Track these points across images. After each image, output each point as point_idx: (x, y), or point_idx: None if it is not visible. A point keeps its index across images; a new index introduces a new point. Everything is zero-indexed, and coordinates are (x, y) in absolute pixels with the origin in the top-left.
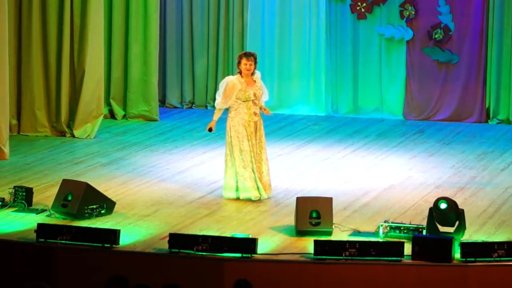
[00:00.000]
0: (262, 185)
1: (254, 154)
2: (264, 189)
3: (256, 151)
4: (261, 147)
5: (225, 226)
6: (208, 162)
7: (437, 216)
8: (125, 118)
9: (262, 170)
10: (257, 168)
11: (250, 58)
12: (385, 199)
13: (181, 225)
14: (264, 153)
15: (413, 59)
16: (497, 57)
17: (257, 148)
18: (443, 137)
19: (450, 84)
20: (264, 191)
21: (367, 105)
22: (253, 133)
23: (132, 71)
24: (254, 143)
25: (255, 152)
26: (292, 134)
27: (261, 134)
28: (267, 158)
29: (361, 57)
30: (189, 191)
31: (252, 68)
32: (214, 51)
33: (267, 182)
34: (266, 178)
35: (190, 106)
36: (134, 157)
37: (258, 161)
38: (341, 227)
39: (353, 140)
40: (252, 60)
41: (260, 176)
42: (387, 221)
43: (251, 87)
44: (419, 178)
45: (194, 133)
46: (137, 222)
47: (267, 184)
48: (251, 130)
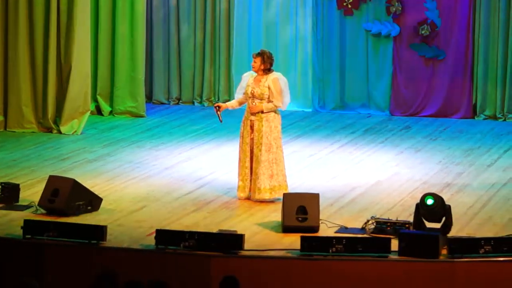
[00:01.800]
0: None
1: (246, 154)
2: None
3: (254, 152)
4: (259, 149)
5: (212, 222)
6: (195, 158)
7: (424, 212)
8: (112, 114)
9: (257, 172)
10: (253, 170)
11: (254, 54)
12: (372, 195)
13: (168, 221)
14: (263, 156)
15: (400, 55)
16: (483, 53)
17: (255, 149)
18: (429, 133)
19: (437, 80)
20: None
21: (354, 101)
22: (249, 132)
23: (119, 67)
24: (247, 142)
25: (246, 151)
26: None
27: (261, 136)
28: (275, 162)
29: (348, 53)
30: (176, 187)
31: (256, 65)
32: (201, 48)
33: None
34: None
35: (177, 103)
36: (121, 153)
37: (255, 162)
38: (328, 223)
39: (340, 136)
40: (255, 57)
41: (255, 177)
42: (374, 217)
43: (254, 84)
44: (406, 174)
45: (181, 129)
46: (124, 218)
47: (264, 188)
48: (247, 128)
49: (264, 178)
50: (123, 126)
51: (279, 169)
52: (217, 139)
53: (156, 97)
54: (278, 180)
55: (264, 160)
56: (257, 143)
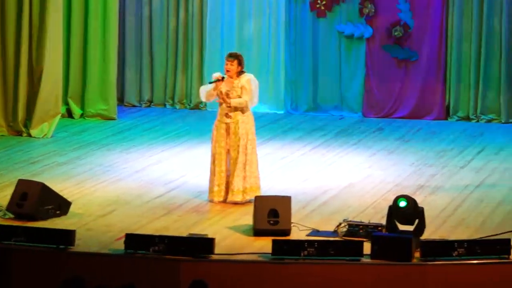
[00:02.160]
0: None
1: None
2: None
3: (230, 155)
4: (236, 152)
5: (182, 226)
6: (165, 161)
7: (396, 214)
8: (83, 117)
9: (235, 175)
10: (230, 173)
11: (231, 58)
12: (344, 198)
13: (138, 225)
14: (239, 158)
15: (373, 57)
16: (456, 54)
17: (231, 152)
18: (402, 135)
19: (410, 82)
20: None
21: (326, 103)
22: (224, 136)
23: (91, 70)
24: (223, 146)
25: (222, 155)
26: None
27: (238, 139)
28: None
29: (320, 54)
30: (146, 191)
31: (232, 68)
32: (173, 50)
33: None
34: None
35: (149, 105)
36: (91, 156)
37: (232, 165)
38: (300, 226)
39: (312, 138)
40: (232, 60)
41: (232, 180)
42: (346, 220)
43: (226, 86)
44: (378, 176)
45: (152, 132)
46: (93, 223)
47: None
48: (221, 132)
49: (238, 180)
50: (94, 129)
51: (252, 171)
52: (188, 141)
53: (128, 99)
54: (250, 182)
55: (239, 162)
56: (234, 146)
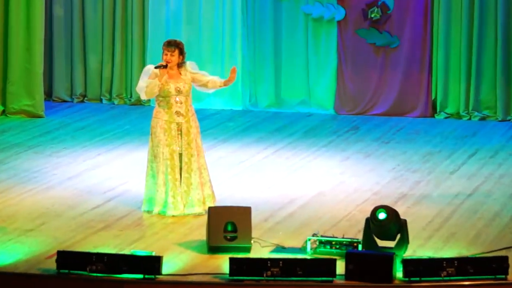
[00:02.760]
0: (188, 200)
1: (175, 163)
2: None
3: (183, 160)
4: (190, 154)
5: (124, 241)
6: (103, 166)
7: (375, 228)
8: (4, 114)
9: (191, 182)
10: (184, 180)
11: (171, 48)
12: (313, 209)
13: (72, 241)
14: (195, 162)
15: (346, 43)
16: (444, 39)
17: (185, 156)
18: (381, 135)
19: (390, 72)
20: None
21: (291, 98)
22: (176, 138)
23: (13, 59)
24: (175, 150)
25: (176, 160)
26: (203, 133)
27: (191, 139)
28: (205, 167)
29: (284, 40)
30: (81, 201)
31: (173, 59)
32: (110, 34)
33: (198, 196)
34: (195, 192)
35: (82, 100)
36: (15, 160)
37: (186, 171)
38: (262, 242)
39: (275, 138)
40: (173, 50)
41: (187, 189)
42: (316, 235)
43: (174, 81)
44: (353, 183)
45: (86, 131)
46: (18, 238)
47: (198, 199)
48: (171, 133)
49: (195, 188)
50: (18, 128)
51: (206, 177)
52: (129, 143)
53: (57, 93)
54: (207, 188)
55: (194, 167)
56: (187, 149)
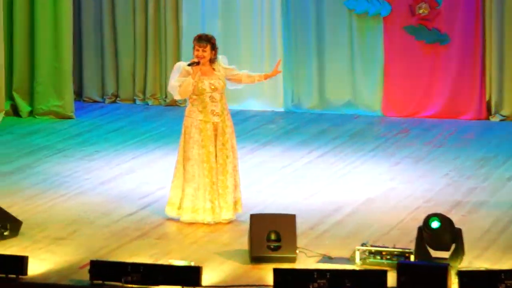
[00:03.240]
0: (224, 204)
1: (212, 165)
2: (227, 209)
3: (218, 161)
4: (225, 156)
5: (161, 251)
6: (138, 170)
7: (428, 237)
8: (32, 115)
9: (227, 185)
10: (220, 183)
11: (202, 43)
12: (362, 217)
13: (105, 250)
14: (230, 163)
15: (393, 41)
16: (498, 35)
17: (220, 158)
18: (432, 139)
19: (440, 72)
20: (228, 210)
21: (336, 98)
22: (211, 138)
23: (40, 57)
24: (211, 151)
25: (212, 162)
26: (243, 135)
27: (226, 140)
28: (237, 169)
29: (327, 37)
30: (115, 207)
31: (206, 55)
32: (143, 30)
33: (232, 200)
34: (230, 196)
35: (114, 100)
36: (44, 164)
37: (222, 173)
38: (307, 252)
39: (319, 142)
40: (205, 46)
41: (223, 192)
42: (366, 244)
43: (207, 77)
44: (404, 190)
45: (119, 134)
46: (49, 247)
47: (232, 202)
48: (207, 134)
49: (229, 192)
50: (47, 130)
51: (239, 179)
52: (164, 146)
53: (87, 93)
54: (238, 192)
55: (232, 170)
56: (222, 149)
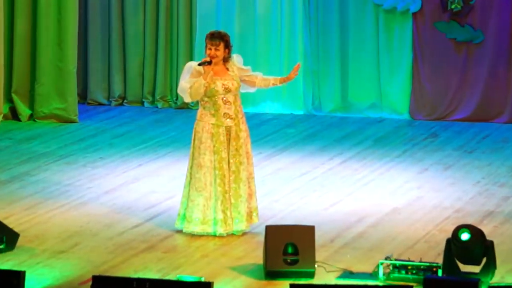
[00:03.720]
0: (237, 214)
1: (224, 173)
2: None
3: (230, 168)
4: (239, 162)
5: (169, 265)
6: (145, 178)
7: (457, 250)
8: (32, 119)
9: (240, 194)
10: (232, 192)
11: (215, 41)
12: (386, 228)
13: (109, 265)
14: (244, 171)
15: (422, 38)
16: None
17: (233, 164)
18: (463, 144)
19: (473, 71)
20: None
21: (360, 101)
22: (224, 143)
23: (42, 55)
24: (224, 157)
25: (225, 169)
26: (259, 140)
27: (240, 145)
28: (253, 176)
29: (351, 35)
30: (120, 218)
31: (219, 54)
32: (153, 27)
33: (245, 210)
34: (243, 206)
35: (121, 103)
36: (45, 172)
37: (234, 181)
38: (327, 266)
39: (341, 147)
40: (218, 44)
41: (236, 202)
42: (390, 258)
43: (220, 78)
44: (432, 199)
45: (125, 139)
46: (48, 261)
47: (245, 213)
48: (220, 139)
49: (243, 201)
50: (48, 135)
51: (254, 186)
52: (174, 152)
53: (92, 95)
54: (254, 201)
55: (245, 177)
56: (235, 155)
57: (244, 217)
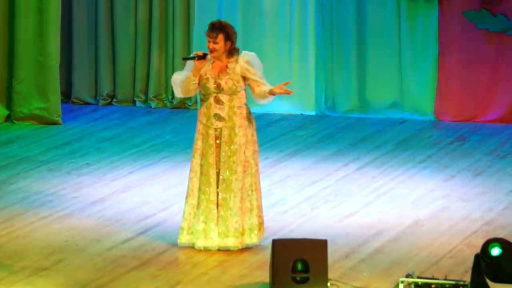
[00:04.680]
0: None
1: (210, 180)
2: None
3: (221, 176)
4: (231, 171)
5: (164, 284)
6: (136, 187)
7: (487, 267)
8: (10, 120)
9: (230, 206)
10: (221, 203)
11: (214, 32)
12: (407, 242)
13: (97, 283)
14: (238, 181)
15: (449, 28)
16: None
17: (223, 172)
18: (495, 148)
19: (506, 67)
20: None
21: (379, 100)
22: (213, 147)
23: (20, 48)
24: (212, 163)
25: (211, 176)
26: (265, 144)
27: (233, 151)
28: (253, 188)
29: (369, 25)
30: (109, 232)
31: (218, 47)
32: (146, 18)
33: (236, 226)
34: (232, 220)
35: (109, 102)
36: (24, 180)
37: (225, 191)
38: (341, 284)
39: (358, 152)
40: (216, 36)
41: (224, 214)
42: (411, 276)
43: (215, 74)
44: (459, 209)
45: (115, 143)
46: (29, 279)
47: (235, 229)
48: (209, 141)
49: (232, 215)
50: (28, 139)
51: (255, 200)
52: (170, 158)
53: (78, 94)
54: (254, 217)
55: (238, 188)
56: (227, 162)
57: (231, 232)
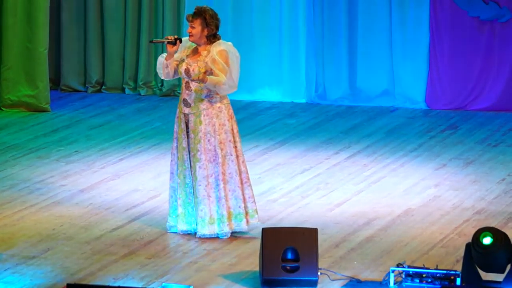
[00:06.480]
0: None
1: (185, 164)
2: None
3: (189, 163)
4: (195, 158)
5: (153, 273)
6: (126, 175)
7: (478, 256)
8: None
9: (196, 194)
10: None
11: (192, 16)
12: (398, 231)
13: (85, 272)
14: (201, 169)
15: (441, 16)
16: None
17: (191, 158)
18: (487, 136)
19: (497, 54)
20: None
21: (370, 88)
22: (184, 132)
23: (9, 35)
24: (184, 147)
25: (185, 160)
26: (255, 132)
27: (198, 139)
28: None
29: (360, 12)
30: (98, 220)
31: (194, 32)
32: (135, 5)
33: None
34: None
35: (99, 89)
36: (12, 167)
37: (192, 179)
38: (332, 274)
39: (349, 140)
40: (193, 20)
41: (196, 200)
42: (402, 265)
43: (189, 59)
44: (450, 198)
45: (104, 130)
46: (17, 268)
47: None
48: (181, 126)
49: (200, 203)
50: (16, 126)
51: (226, 189)
52: (159, 145)
53: (66, 81)
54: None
55: (202, 176)
56: (192, 149)
57: (197, 219)
